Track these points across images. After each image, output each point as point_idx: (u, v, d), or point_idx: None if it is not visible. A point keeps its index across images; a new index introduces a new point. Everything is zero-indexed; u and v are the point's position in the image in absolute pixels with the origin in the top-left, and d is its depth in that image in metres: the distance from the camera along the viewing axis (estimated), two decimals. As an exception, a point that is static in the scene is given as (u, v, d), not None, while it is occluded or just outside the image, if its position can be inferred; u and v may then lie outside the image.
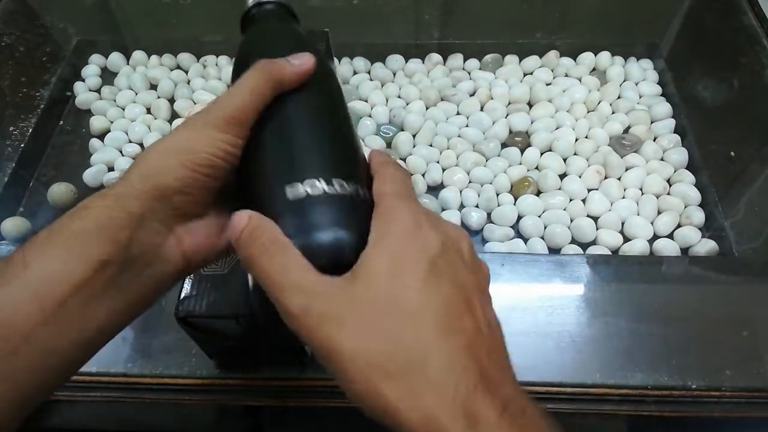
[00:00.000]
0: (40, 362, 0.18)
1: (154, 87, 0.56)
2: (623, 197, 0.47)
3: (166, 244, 0.21)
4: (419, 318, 0.15)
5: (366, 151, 0.24)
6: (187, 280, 0.28)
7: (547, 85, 0.55)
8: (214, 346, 0.31)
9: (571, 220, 0.45)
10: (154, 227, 0.20)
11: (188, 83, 0.56)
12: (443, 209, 0.46)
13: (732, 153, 0.47)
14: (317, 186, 0.20)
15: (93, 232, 0.19)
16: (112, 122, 0.53)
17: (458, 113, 0.53)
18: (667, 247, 0.43)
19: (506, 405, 0.14)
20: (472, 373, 0.14)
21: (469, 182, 0.48)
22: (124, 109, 0.54)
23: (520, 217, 0.45)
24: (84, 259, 0.18)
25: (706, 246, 0.43)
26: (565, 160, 0.49)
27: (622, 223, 0.45)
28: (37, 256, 0.18)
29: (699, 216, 0.45)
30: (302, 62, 0.22)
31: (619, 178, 0.48)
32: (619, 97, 0.54)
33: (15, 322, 0.17)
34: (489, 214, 0.46)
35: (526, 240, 0.44)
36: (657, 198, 0.46)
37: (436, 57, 0.57)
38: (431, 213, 0.19)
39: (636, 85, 0.55)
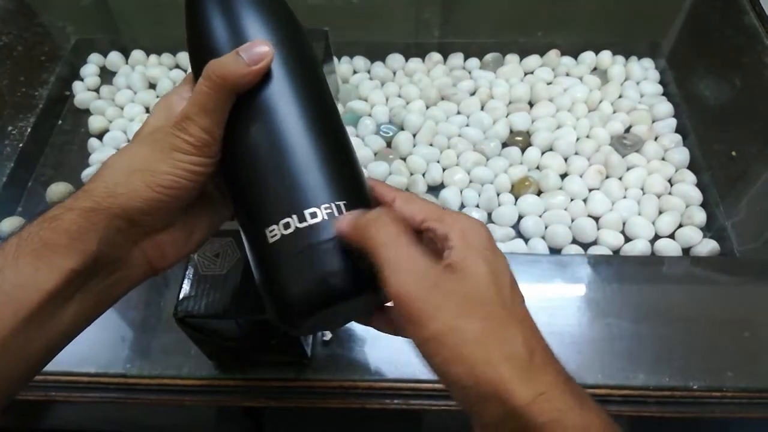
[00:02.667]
0: (10, 368, 0.19)
1: (152, 86, 0.56)
2: (624, 197, 0.46)
3: (132, 254, 0.21)
4: (513, 315, 0.18)
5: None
6: (186, 281, 0.28)
7: (548, 84, 0.55)
8: (213, 346, 0.31)
9: (572, 220, 0.45)
10: (119, 241, 0.21)
11: None
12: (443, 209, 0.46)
13: (733, 153, 0.47)
14: (290, 225, 0.20)
15: (63, 243, 0.19)
16: (110, 122, 0.53)
17: (459, 112, 0.53)
18: (668, 248, 0.43)
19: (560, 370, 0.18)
20: (559, 365, 0.18)
21: (470, 182, 0.48)
22: (122, 109, 0.54)
23: (520, 217, 0.45)
24: (55, 268, 0.19)
25: (708, 246, 0.43)
26: (566, 159, 0.49)
27: (624, 223, 0.45)
28: (9, 264, 0.19)
29: (700, 216, 0.45)
30: (254, 57, 0.20)
31: (620, 178, 0.47)
32: (620, 97, 0.54)
33: None
34: (489, 214, 0.46)
35: (526, 240, 0.44)
36: (658, 198, 0.46)
37: (436, 56, 0.57)
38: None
39: (637, 84, 0.55)
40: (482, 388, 0.16)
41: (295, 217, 0.20)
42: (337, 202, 0.21)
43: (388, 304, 0.21)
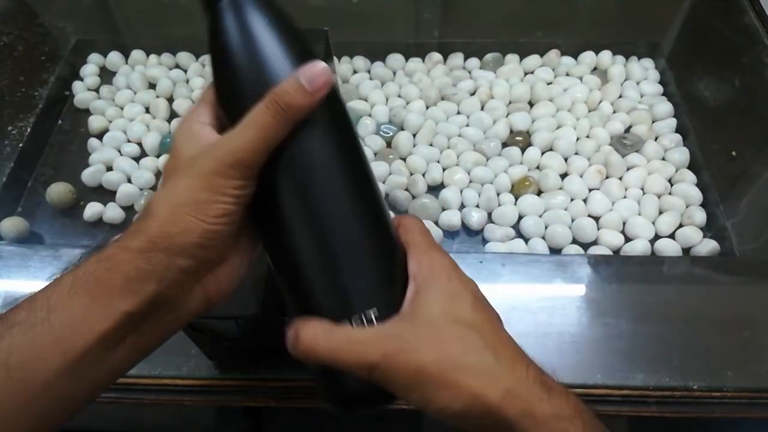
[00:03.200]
0: (54, 408, 0.18)
1: (152, 86, 0.56)
2: (624, 197, 0.46)
3: (193, 291, 0.21)
4: (478, 333, 0.19)
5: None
6: None
7: (548, 84, 0.55)
8: (213, 346, 0.31)
9: (572, 220, 0.45)
10: (182, 280, 0.20)
11: (187, 82, 0.56)
12: (443, 209, 0.46)
13: (733, 152, 0.47)
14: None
15: (119, 285, 0.19)
16: (110, 122, 0.53)
17: (459, 112, 0.53)
18: (668, 247, 0.43)
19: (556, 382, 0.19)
20: (527, 359, 0.20)
21: (470, 182, 0.48)
22: (122, 109, 0.54)
23: (520, 217, 0.45)
24: (109, 310, 0.19)
25: (708, 246, 0.43)
26: (566, 159, 0.49)
27: (624, 223, 0.45)
28: (62, 302, 0.18)
29: (700, 216, 0.45)
30: (316, 83, 0.19)
31: (620, 178, 0.47)
32: (620, 97, 0.54)
33: (36, 368, 0.18)
34: (490, 214, 0.46)
35: (526, 240, 0.44)
36: (658, 198, 0.46)
37: (436, 56, 0.57)
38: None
39: (637, 84, 0.55)
40: (459, 401, 0.18)
41: (370, 312, 0.21)
42: (372, 309, 0.21)
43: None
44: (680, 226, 0.45)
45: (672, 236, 0.44)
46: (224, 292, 0.22)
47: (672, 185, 0.47)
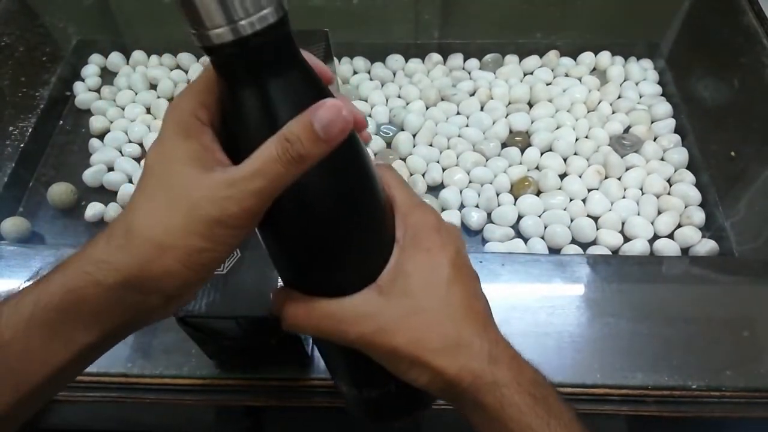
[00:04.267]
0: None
1: (154, 87, 0.56)
2: (623, 197, 0.46)
3: (155, 316, 0.20)
4: (448, 309, 0.21)
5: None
6: None
7: (548, 84, 0.55)
8: (214, 346, 0.31)
9: (572, 220, 0.45)
10: (148, 312, 0.19)
11: (188, 83, 0.56)
12: (443, 209, 0.46)
13: (732, 153, 0.47)
14: None
15: (85, 319, 0.18)
16: (111, 122, 0.53)
17: (458, 113, 0.53)
18: (667, 247, 0.43)
19: (510, 352, 0.21)
20: (491, 335, 0.21)
21: (469, 182, 0.48)
22: (123, 109, 0.54)
23: (520, 217, 0.45)
24: (71, 343, 0.18)
25: (707, 246, 0.43)
26: (565, 159, 0.49)
27: (623, 223, 0.45)
28: (20, 333, 0.17)
29: (699, 216, 0.45)
30: (331, 131, 0.17)
31: (619, 178, 0.48)
32: (619, 97, 0.54)
33: None
34: (489, 214, 0.46)
35: (526, 240, 0.44)
36: (657, 198, 0.46)
37: (436, 57, 0.57)
38: (434, 211, 0.22)
39: (636, 84, 0.55)
40: (425, 376, 0.21)
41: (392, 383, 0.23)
42: None
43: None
44: (679, 226, 0.45)
45: (671, 236, 0.44)
46: (186, 300, 0.23)
47: (671, 185, 0.48)
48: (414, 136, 0.51)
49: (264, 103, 0.17)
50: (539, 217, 0.45)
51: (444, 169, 0.49)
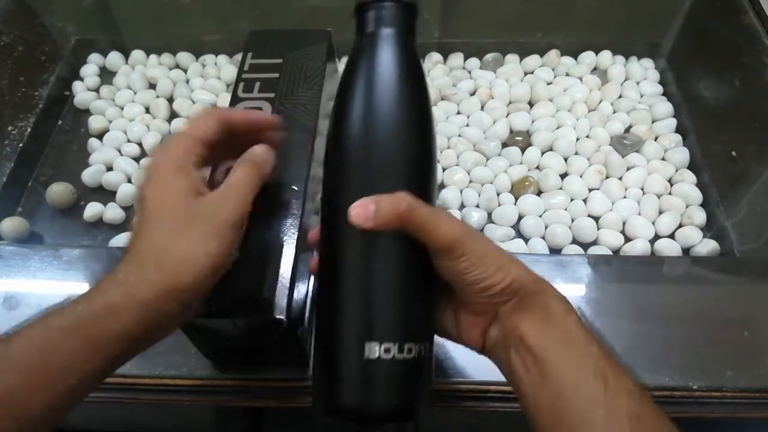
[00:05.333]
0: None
1: (153, 86, 0.56)
2: (624, 197, 0.46)
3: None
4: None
5: None
6: None
7: (548, 84, 0.55)
8: (212, 346, 0.31)
9: (572, 220, 0.45)
10: (176, 321, 0.24)
11: (187, 83, 0.56)
12: (443, 209, 0.46)
13: (733, 152, 0.47)
14: (390, 351, 0.22)
15: (118, 335, 0.21)
16: (110, 122, 0.53)
17: (459, 112, 0.53)
18: (668, 248, 0.43)
19: None
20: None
21: (470, 182, 0.48)
22: (122, 109, 0.54)
23: (520, 217, 0.45)
24: (102, 355, 0.21)
25: (708, 246, 0.43)
26: (566, 159, 0.49)
27: (623, 223, 0.45)
28: (67, 337, 0.20)
29: (700, 216, 0.45)
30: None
31: (620, 178, 0.47)
32: (620, 97, 0.54)
33: (25, 403, 0.19)
34: (489, 214, 0.46)
35: (526, 240, 0.44)
36: (658, 198, 0.46)
37: (436, 56, 0.57)
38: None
39: (637, 84, 0.55)
40: (513, 282, 0.23)
41: (396, 345, 0.22)
42: (423, 344, 0.23)
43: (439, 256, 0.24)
44: (680, 226, 0.45)
45: (672, 236, 0.44)
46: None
47: (672, 185, 0.47)
48: (414, 135, 0.51)
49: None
50: (540, 217, 0.45)
51: (444, 169, 0.49)
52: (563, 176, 0.48)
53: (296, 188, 0.31)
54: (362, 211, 0.22)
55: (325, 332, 0.24)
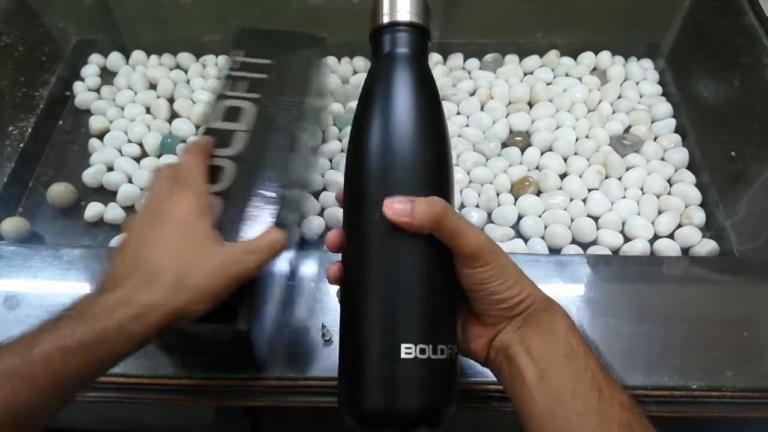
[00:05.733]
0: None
1: (153, 87, 0.56)
2: (624, 197, 0.46)
3: None
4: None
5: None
6: None
7: (548, 84, 0.55)
8: (177, 349, 0.32)
9: (572, 220, 0.45)
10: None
11: (188, 83, 0.56)
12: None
13: (733, 153, 0.47)
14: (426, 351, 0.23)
15: (123, 343, 0.22)
16: (111, 122, 0.53)
17: (458, 113, 0.53)
18: (667, 248, 0.43)
19: None
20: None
21: (470, 182, 0.48)
22: (123, 109, 0.54)
23: (520, 217, 0.45)
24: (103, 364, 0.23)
25: (707, 246, 0.43)
26: (565, 159, 0.49)
27: (623, 223, 0.45)
28: (74, 352, 0.21)
29: (700, 216, 0.45)
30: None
31: (619, 178, 0.47)
32: (619, 97, 0.54)
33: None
34: (489, 214, 0.46)
35: (526, 240, 0.44)
36: (657, 198, 0.46)
37: (436, 56, 0.57)
38: None
39: (636, 84, 0.55)
40: (527, 297, 0.25)
41: (431, 346, 0.23)
42: (452, 345, 0.24)
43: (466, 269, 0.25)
44: (679, 226, 0.45)
45: (671, 236, 0.44)
46: None
47: (671, 185, 0.47)
48: (414, 136, 0.51)
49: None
50: (539, 217, 0.45)
51: (444, 169, 0.49)
52: (563, 176, 0.48)
53: (271, 195, 0.31)
54: (400, 207, 0.23)
55: (356, 335, 0.24)
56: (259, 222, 0.30)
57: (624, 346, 0.33)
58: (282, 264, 0.35)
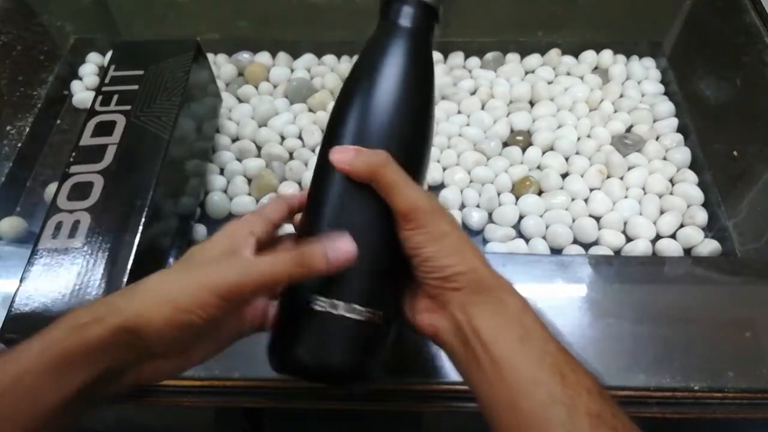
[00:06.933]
0: None
1: (152, 85, 0.56)
2: (625, 197, 0.46)
3: (129, 372, 0.22)
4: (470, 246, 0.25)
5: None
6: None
7: (549, 83, 0.55)
8: None
9: (573, 220, 0.45)
10: (129, 360, 0.22)
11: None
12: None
13: (735, 152, 0.47)
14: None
15: (82, 356, 0.20)
16: (110, 121, 0.53)
17: (459, 112, 0.53)
18: (669, 248, 0.43)
19: None
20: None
21: (470, 182, 0.48)
22: (122, 108, 0.54)
23: (521, 217, 0.45)
24: (70, 381, 0.20)
25: (709, 246, 0.43)
26: (566, 159, 0.49)
27: (625, 223, 0.45)
28: (32, 368, 0.20)
29: (702, 216, 0.44)
30: (335, 261, 0.22)
31: (621, 178, 0.47)
32: (621, 96, 0.54)
33: None
34: (490, 214, 0.46)
35: (527, 240, 0.44)
36: (659, 198, 0.46)
37: (436, 55, 0.57)
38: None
39: (638, 83, 0.55)
40: (468, 270, 0.23)
41: (342, 304, 0.23)
42: (376, 310, 0.24)
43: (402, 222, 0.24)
44: (681, 226, 0.45)
45: (673, 236, 0.44)
46: (159, 380, 0.23)
47: (673, 185, 0.47)
48: (414, 135, 0.51)
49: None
50: (541, 217, 0.45)
51: (445, 169, 0.48)
52: (564, 176, 0.48)
53: (139, 203, 0.32)
54: (342, 155, 0.23)
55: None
56: (128, 232, 0.31)
57: (626, 346, 0.33)
58: None
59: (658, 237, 0.44)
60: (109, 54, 0.57)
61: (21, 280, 0.30)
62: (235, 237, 0.24)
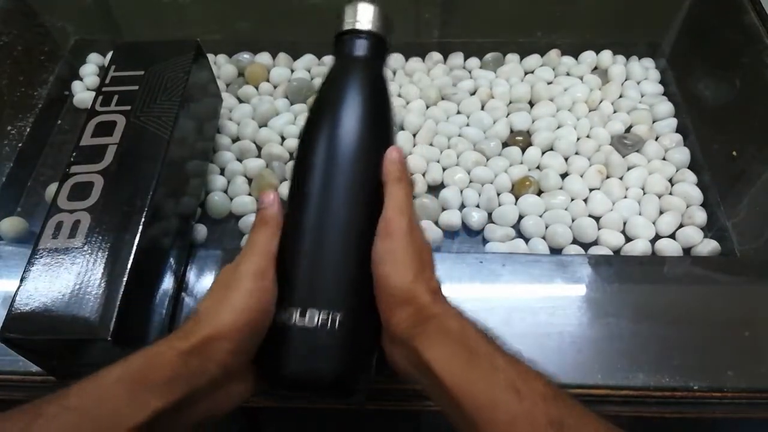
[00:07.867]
0: None
1: (152, 86, 0.56)
2: (625, 197, 0.46)
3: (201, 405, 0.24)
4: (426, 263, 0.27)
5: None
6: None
7: (549, 83, 0.55)
8: (47, 364, 0.31)
9: (573, 220, 0.45)
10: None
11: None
12: (443, 209, 0.46)
13: (734, 152, 0.47)
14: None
15: (157, 383, 0.22)
16: (110, 121, 0.53)
17: (459, 112, 0.53)
18: (669, 248, 0.43)
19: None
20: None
21: (470, 182, 0.48)
22: (122, 108, 0.54)
23: (521, 217, 0.45)
24: (144, 407, 0.21)
25: (708, 246, 0.43)
26: (566, 159, 0.49)
27: (624, 223, 0.45)
28: (109, 390, 0.21)
29: (701, 216, 0.44)
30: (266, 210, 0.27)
31: (620, 178, 0.47)
32: (620, 96, 0.54)
33: None
34: (490, 214, 0.46)
35: (527, 240, 0.44)
36: (659, 198, 0.46)
37: (436, 56, 0.57)
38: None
39: (638, 84, 0.55)
40: (404, 296, 0.25)
41: (299, 310, 0.25)
42: (334, 312, 0.25)
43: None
44: (681, 226, 0.45)
45: (672, 236, 0.44)
46: (222, 412, 0.26)
47: (672, 185, 0.47)
48: (414, 135, 0.51)
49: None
50: (540, 217, 0.45)
51: (444, 169, 0.48)
52: (564, 176, 0.48)
53: (140, 203, 0.32)
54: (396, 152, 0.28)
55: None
56: (128, 232, 0.31)
57: (625, 346, 0.33)
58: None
59: (657, 237, 0.44)
60: (110, 54, 0.58)
61: (21, 280, 0.30)
62: (266, 278, 0.26)
